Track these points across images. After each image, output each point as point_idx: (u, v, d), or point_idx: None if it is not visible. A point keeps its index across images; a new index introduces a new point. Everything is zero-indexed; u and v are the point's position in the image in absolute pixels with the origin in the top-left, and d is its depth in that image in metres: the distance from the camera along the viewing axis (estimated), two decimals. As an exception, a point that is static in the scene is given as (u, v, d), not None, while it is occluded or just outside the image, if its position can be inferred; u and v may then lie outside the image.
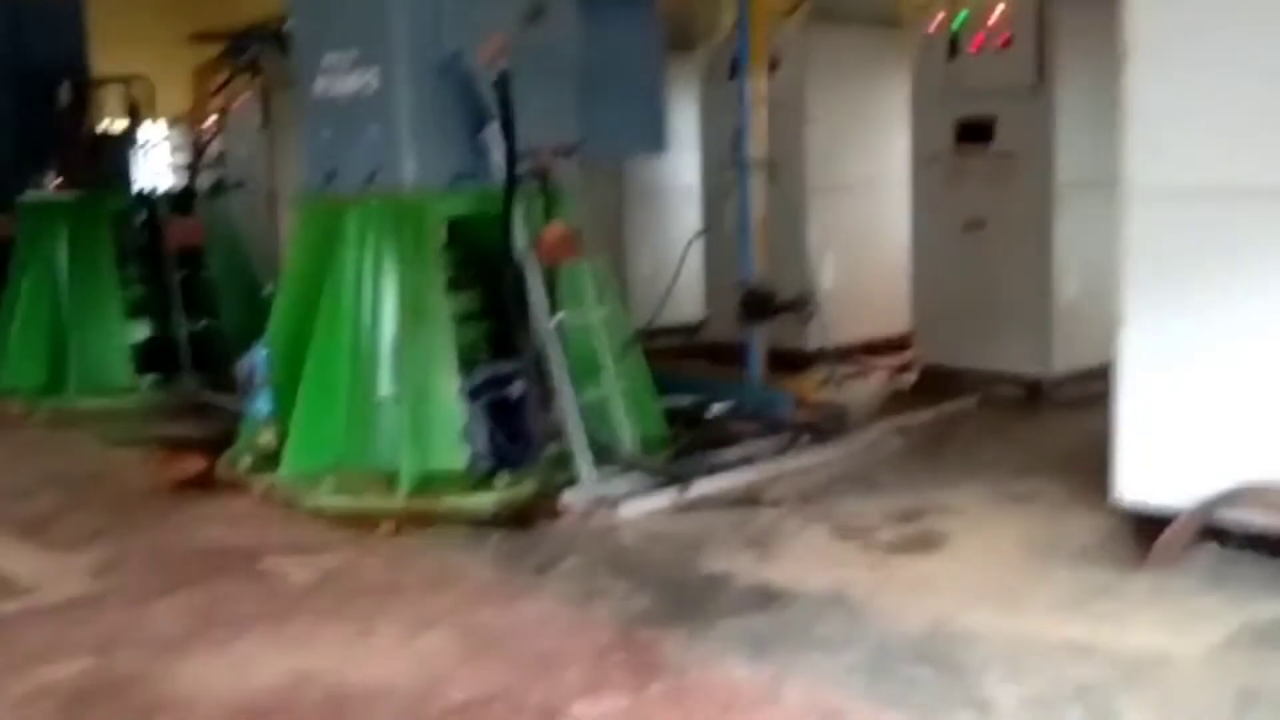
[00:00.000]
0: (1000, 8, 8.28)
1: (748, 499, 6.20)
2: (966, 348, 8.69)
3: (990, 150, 8.43)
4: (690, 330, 10.53)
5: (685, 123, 10.18)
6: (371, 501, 6.11)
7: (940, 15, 8.59)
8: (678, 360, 9.38)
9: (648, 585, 5.04)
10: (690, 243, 8.50)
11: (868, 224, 9.97)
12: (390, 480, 6.19)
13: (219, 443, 7.06)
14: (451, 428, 6.31)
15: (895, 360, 9.55)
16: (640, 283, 10.28)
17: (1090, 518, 5.64)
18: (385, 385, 6.40)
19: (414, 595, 5.05)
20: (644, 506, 6.00)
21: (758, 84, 7.75)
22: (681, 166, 10.63)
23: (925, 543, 5.52)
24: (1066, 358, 8.35)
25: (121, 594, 5.15)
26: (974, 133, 8.49)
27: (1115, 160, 8.03)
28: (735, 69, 9.28)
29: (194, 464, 6.82)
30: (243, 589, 5.15)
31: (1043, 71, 8.13)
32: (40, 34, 10.54)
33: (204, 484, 6.66)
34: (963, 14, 8.47)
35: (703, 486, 6.25)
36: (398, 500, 6.08)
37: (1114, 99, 8.27)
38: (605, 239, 6.83)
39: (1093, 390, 8.44)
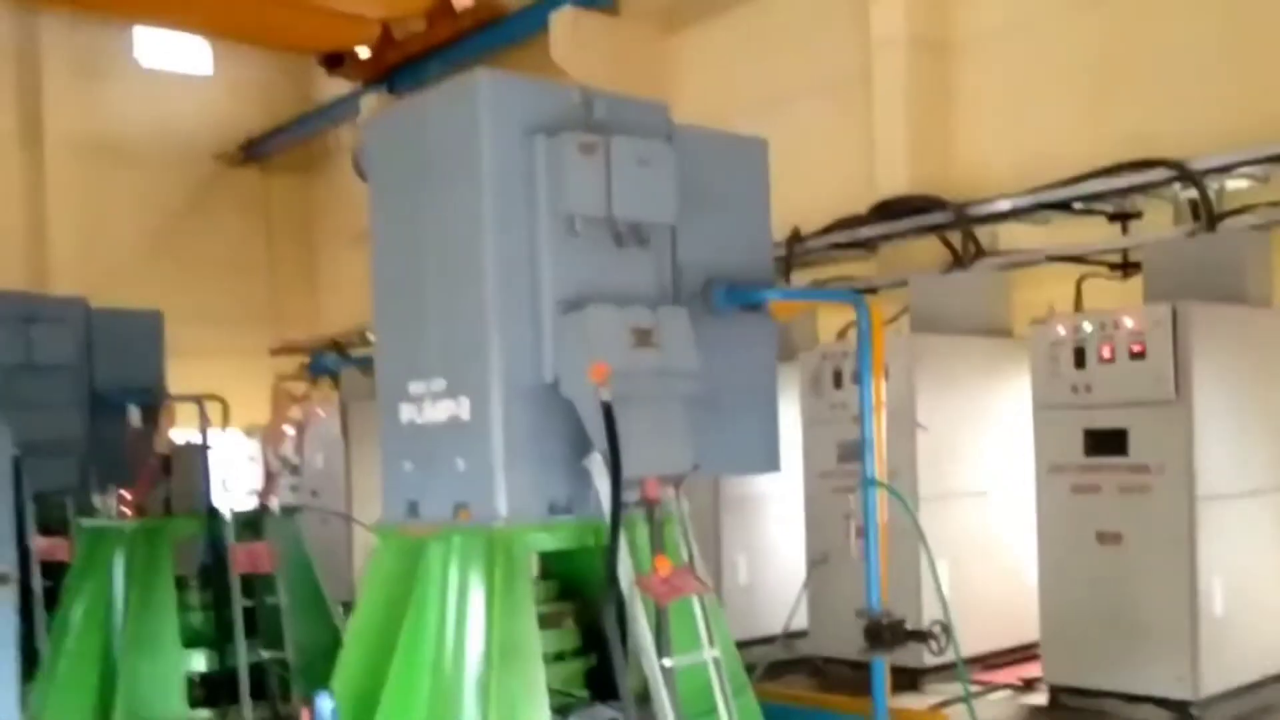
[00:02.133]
0: (1131, 317, 7.97)
1: None
2: (1101, 667, 8.09)
3: (1124, 462, 7.97)
4: (785, 639, 9.70)
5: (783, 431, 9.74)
6: None
7: (1066, 325, 8.29)
8: (775, 676, 8.69)
9: None
10: (812, 570, 8.14)
11: (981, 533, 9.45)
12: None
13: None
14: (545, 787, 5.51)
15: (1016, 675, 8.96)
16: (737, 591, 9.98)
17: None
18: (468, 735, 5.64)
19: None
20: None
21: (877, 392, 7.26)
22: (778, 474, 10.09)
23: None
24: (1217, 677, 7.77)
25: None
26: (1105, 443, 8.06)
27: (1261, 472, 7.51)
28: (839, 378, 8.98)
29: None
30: None
31: (1179, 382, 7.73)
32: (114, 354, 10.56)
33: None
34: (1091, 325, 8.14)
35: None
36: None
37: (1256, 409, 7.98)
38: (700, 547, 6.19)
39: (1249, 708, 7.83)
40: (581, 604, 6.13)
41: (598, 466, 5.56)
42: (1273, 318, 8.65)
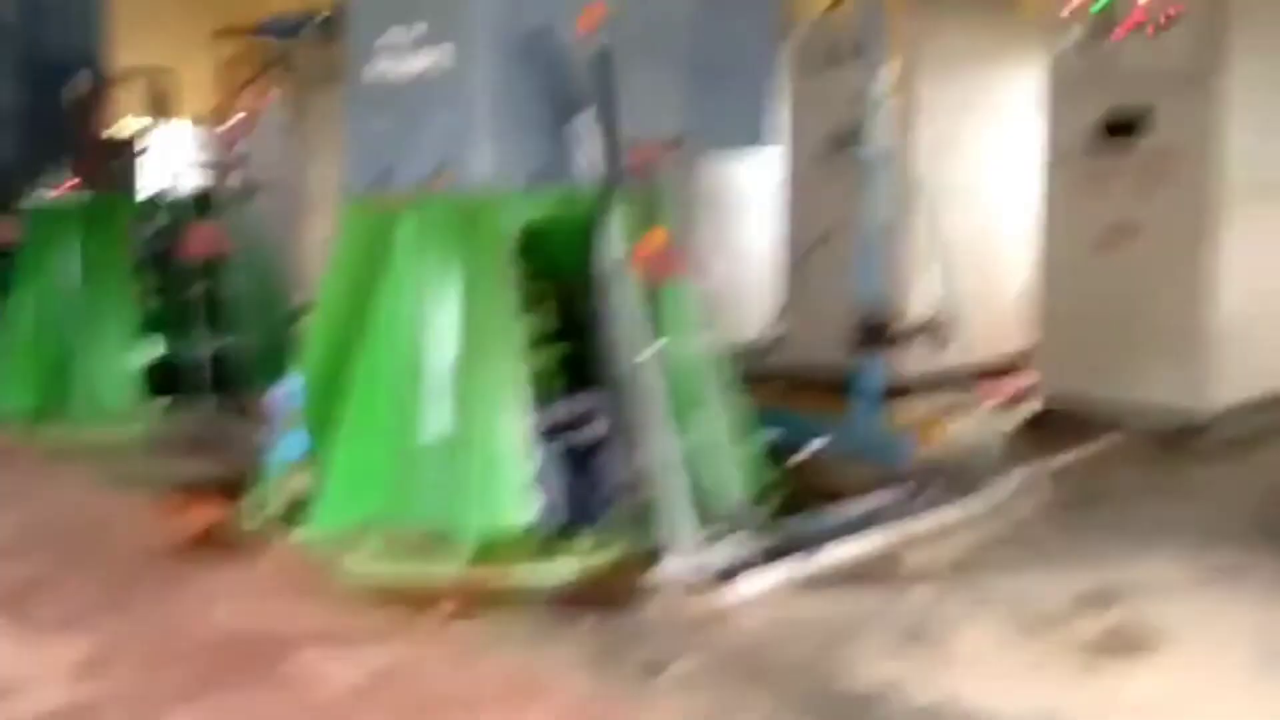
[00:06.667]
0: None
1: (887, 571, 5.02)
2: (1101, 375, 7.51)
3: (1142, 147, 7.24)
4: (754, 352, 9.15)
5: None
6: (423, 570, 4.99)
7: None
8: (751, 384, 8.28)
9: (789, 702, 3.86)
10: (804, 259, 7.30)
11: (973, 232, 8.63)
12: (444, 540, 5.07)
13: (237, 485, 5.91)
14: (519, 476, 5.21)
15: (1006, 387, 8.34)
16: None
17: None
18: (440, 423, 5.28)
19: (492, 712, 3.89)
20: (761, 581, 4.81)
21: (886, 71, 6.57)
22: (755, 169, 9.48)
23: (1137, 641, 4.29)
24: (1228, 388, 7.19)
25: (120, 702, 3.98)
26: (1122, 128, 7.31)
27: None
28: (832, 56, 8.33)
29: (208, 514, 5.74)
30: (270, 698, 3.99)
31: (1212, 54, 6.96)
32: (56, 22, 9.57)
33: (219, 540, 5.52)
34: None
35: (829, 553, 5.06)
36: (456, 569, 4.95)
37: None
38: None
39: (1262, 425, 7.25)
40: (563, 288, 5.68)
41: (588, 127, 5.03)
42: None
